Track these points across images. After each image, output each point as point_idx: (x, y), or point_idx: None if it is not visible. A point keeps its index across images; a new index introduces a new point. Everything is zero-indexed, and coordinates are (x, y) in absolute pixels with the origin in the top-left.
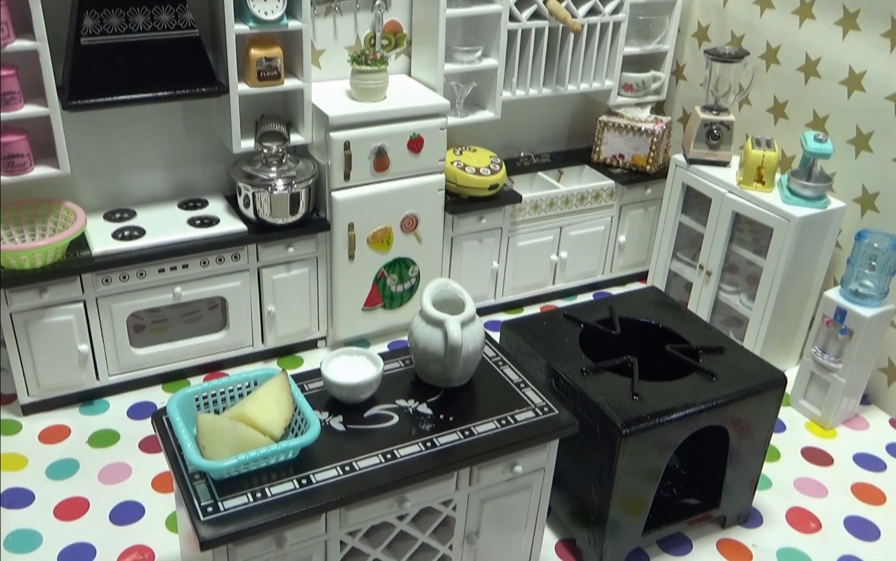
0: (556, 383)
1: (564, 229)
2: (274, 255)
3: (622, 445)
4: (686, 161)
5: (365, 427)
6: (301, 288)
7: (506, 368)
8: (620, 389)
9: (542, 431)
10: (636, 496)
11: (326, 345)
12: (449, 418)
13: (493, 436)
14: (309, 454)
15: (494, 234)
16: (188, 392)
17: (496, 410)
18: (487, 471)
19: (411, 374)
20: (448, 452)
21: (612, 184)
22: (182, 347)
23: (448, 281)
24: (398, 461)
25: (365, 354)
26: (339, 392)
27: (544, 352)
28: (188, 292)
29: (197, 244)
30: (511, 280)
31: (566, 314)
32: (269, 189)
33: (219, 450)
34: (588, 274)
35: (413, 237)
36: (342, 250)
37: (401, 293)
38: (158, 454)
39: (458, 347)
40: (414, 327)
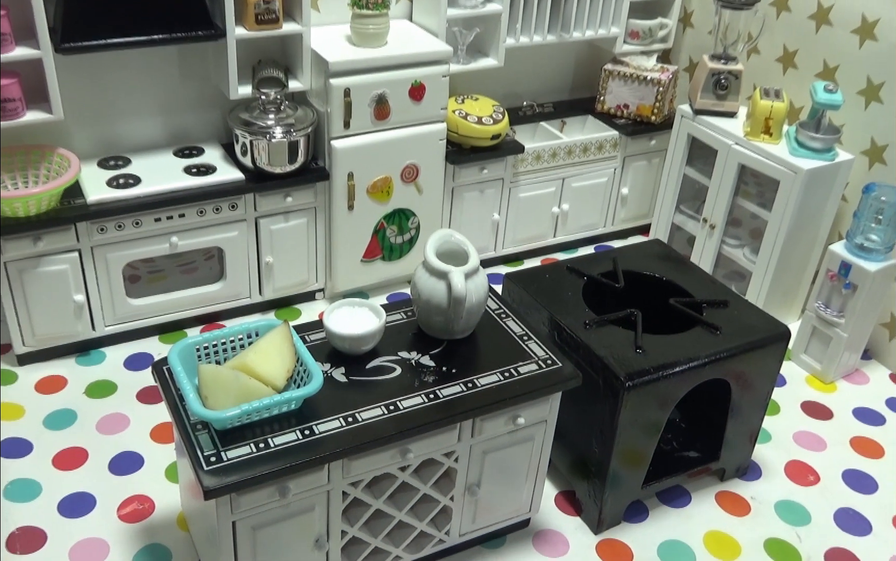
0: (559, 336)
1: (567, 181)
2: (272, 204)
3: (625, 398)
4: (692, 112)
5: (367, 379)
6: (299, 239)
7: (508, 320)
8: (624, 343)
9: (545, 384)
10: (637, 449)
11: (324, 297)
12: (452, 370)
13: (495, 388)
14: (312, 405)
15: (496, 185)
16: (189, 342)
17: (499, 362)
18: (490, 423)
19: (414, 325)
20: (451, 404)
21: (616, 135)
22: (178, 298)
23: (452, 232)
24: (401, 413)
25: (367, 306)
26: (342, 343)
27: (547, 304)
28: (184, 242)
29: (193, 193)
30: (512, 232)
31: (569, 267)
32: (267, 137)
33: (221, 400)
34: (590, 226)
35: (413, 187)
36: (341, 200)
37: (400, 245)
38: (156, 405)
39: (462, 299)
40: (417, 278)
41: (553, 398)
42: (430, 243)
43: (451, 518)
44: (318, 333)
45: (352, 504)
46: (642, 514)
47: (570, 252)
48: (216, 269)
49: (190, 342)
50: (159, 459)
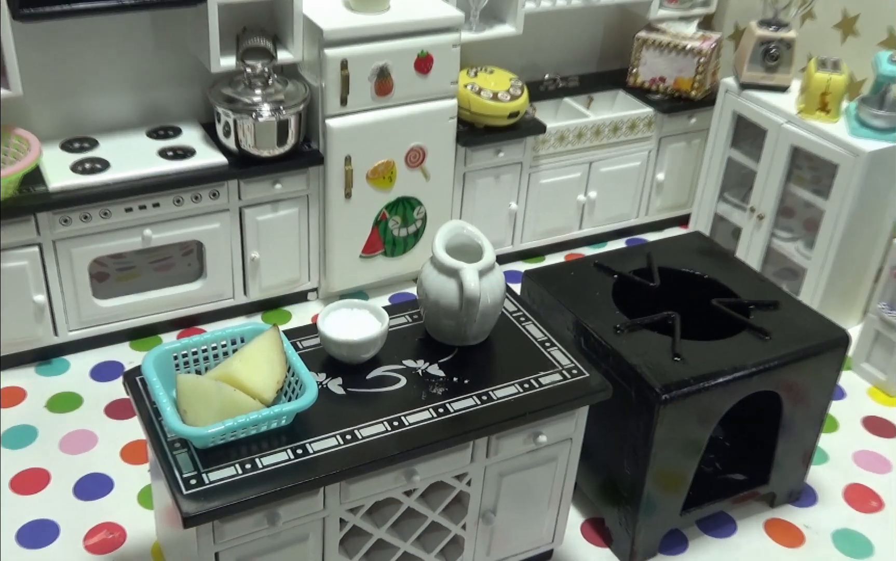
0: (586, 342)
1: (594, 165)
2: (258, 192)
3: (661, 412)
4: (738, 86)
5: (368, 391)
6: (289, 231)
7: (528, 324)
8: (659, 349)
9: (570, 396)
10: (675, 471)
11: (318, 297)
12: (464, 381)
13: (513, 401)
14: (305, 421)
15: (513, 170)
16: (165, 349)
17: (517, 371)
18: (507, 441)
19: (420, 330)
20: (463, 420)
21: (651, 112)
22: (152, 299)
23: (463, 224)
24: (406, 429)
25: (367, 308)
26: (339, 350)
27: (572, 306)
28: (159, 235)
29: (169, 179)
30: (532, 224)
31: (597, 263)
32: (253, 115)
33: (202, 415)
34: (620, 217)
35: (419, 173)
36: (337, 188)
37: (404, 238)
38: (127, 421)
39: (476, 300)
40: (424, 277)
41: (579, 413)
42: (439, 237)
43: (462, 549)
44: (311, 338)
45: (350, 533)
46: (681, 545)
47: (598, 246)
48: (195, 266)
49: (166, 349)
50: (131, 481)
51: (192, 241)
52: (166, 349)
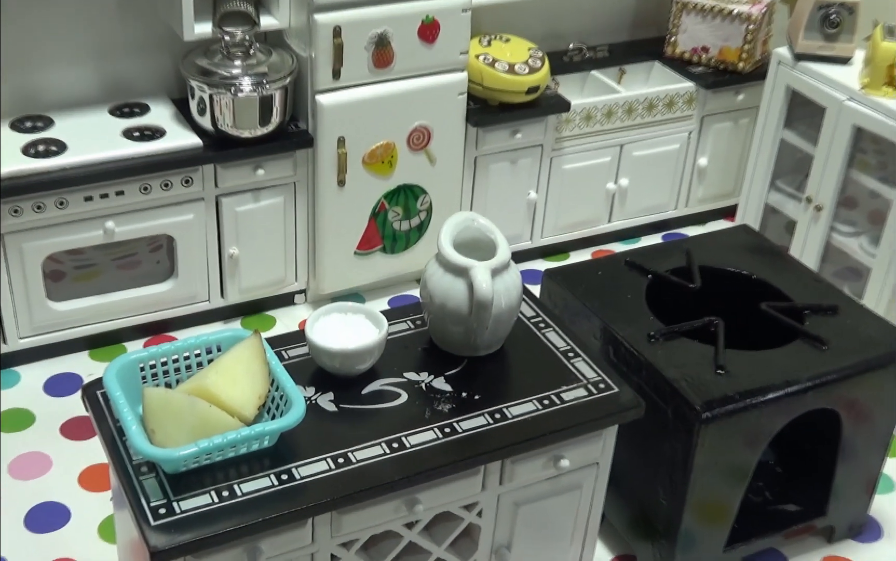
0: (616, 352)
1: (626, 148)
2: (238, 179)
3: (701, 433)
4: (792, 56)
5: (364, 407)
6: (274, 224)
7: (549, 331)
8: (700, 361)
9: (597, 414)
10: (718, 501)
11: (306, 300)
12: (474, 397)
13: (531, 420)
14: (291, 442)
15: (533, 153)
16: (130, 359)
17: (536, 386)
18: (524, 465)
19: (424, 338)
20: (472, 441)
21: (692, 87)
22: (115, 302)
23: (474, 215)
24: (407, 452)
25: (363, 312)
26: (331, 361)
27: (600, 310)
28: (123, 228)
29: (135, 163)
30: (554, 216)
31: (629, 261)
32: (232, 90)
33: (173, 434)
34: (656, 208)
35: (424, 157)
36: (329, 174)
37: (406, 232)
38: (87, 441)
39: (488, 303)
40: (428, 276)
41: (607, 434)
42: (445, 230)
43: None
44: (298, 347)
45: None
46: None
47: (630, 242)
48: (165, 263)
49: (132, 359)
50: (91, 511)
51: (161, 236)
52: (132, 359)
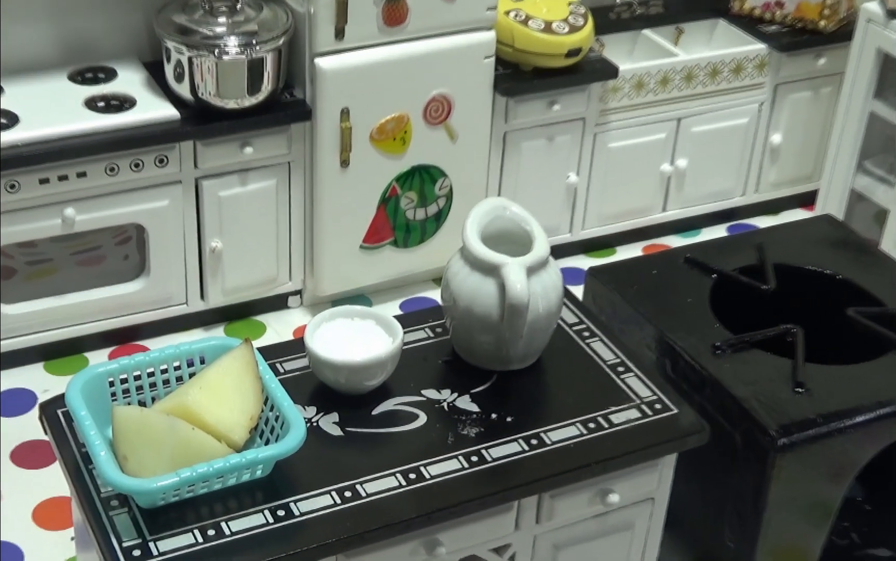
0: (674, 366)
1: (684, 123)
2: (222, 158)
3: (777, 463)
4: (885, 13)
5: (374, 431)
6: (264, 212)
7: (594, 341)
8: (775, 377)
9: (652, 441)
10: (795, 543)
11: (302, 303)
12: (506, 419)
13: (574, 447)
14: (288, 471)
15: (573, 128)
16: (98, 372)
17: (579, 406)
18: (566, 501)
19: (446, 349)
20: (504, 471)
21: (763, 49)
22: (74, 304)
23: (506, 202)
24: (426, 484)
25: (373, 318)
26: (335, 376)
27: (655, 316)
28: (85, 217)
29: (100, 139)
30: (597, 203)
31: (689, 258)
32: (216, 52)
33: (149, 461)
34: (720, 195)
35: (443, 132)
36: (330, 152)
37: (422, 222)
38: (44, 470)
39: (523, 307)
40: (451, 275)
41: (664, 464)
42: (472, 220)
43: None
44: (296, 359)
45: None
46: None
47: (688, 235)
48: (134, 259)
49: (99, 372)
50: (48, 553)
51: (129, 225)
52: (99, 372)
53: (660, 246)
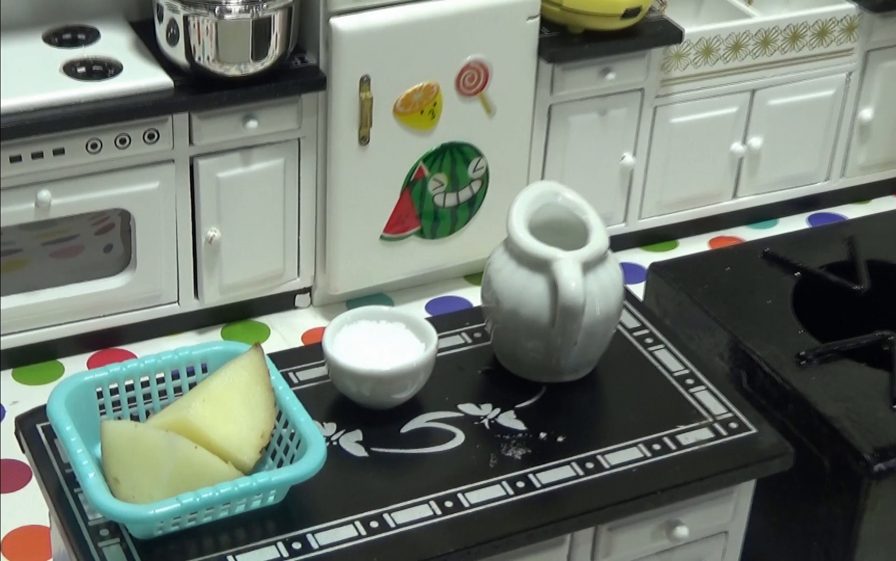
0: (751, 378)
1: (759, 95)
2: (221, 133)
3: (871, 492)
4: None
5: (404, 452)
6: (269, 196)
7: (659, 349)
8: (870, 391)
9: (727, 465)
10: None
11: (312, 303)
12: (556, 439)
13: (636, 472)
14: (305, 498)
15: (629, 101)
16: (84, 381)
17: (642, 424)
18: (626, 535)
19: (486, 357)
20: (555, 500)
21: (853, 9)
22: (48, 303)
23: (557, 187)
24: (465, 513)
25: (402, 320)
26: (359, 388)
27: (729, 320)
28: (62, 200)
29: (80, 111)
30: (657, 188)
31: (769, 253)
32: (216, 11)
33: (145, 485)
34: (801, 179)
35: (478, 105)
36: (347, 128)
37: (453, 209)
38: (17, 493)
39: (578, 309)
40: (494, 272)
41: (740, 492)
42: (518, 207)
43: None
44: (312, 367)
45: None
46: None
47: (763, 226)
48: (118, 250)
49: (86, 381)
50: None
51: (113, 212)
52: (86, 381)
53: (729, 239)
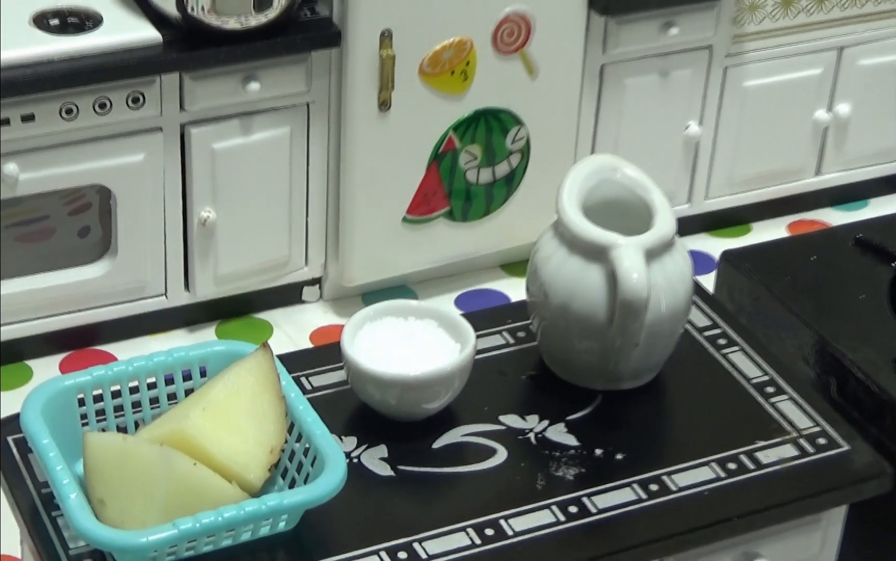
0: (842, 386)
1: (847, 54)
2: (217, 96)
3: None
4: None
5: (436, 471)
6: (273, 171)
7: (733, 351)
8: None
9: (814, 488)
10: None
11: (322, 296)
12: (614, 456)
13: (707, 495)
14: (322, 524)
15: (695, 60)
16: (63, 386)
17: (715, 440)
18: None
19: (531, 360)
20: (613, 528)
21: None
22: (13, 295)
23: (616, 161)
24: (509, 543)
25: (434, 316)
26: (383, 395)
27: (815, 318)
28: (31, 175)
29: (52, 70)
30: (728, 163)
31: (861, 240)
32: None
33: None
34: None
35: (518, 64)
36: (365, 91)
37: (488, 186)
38: None
39: (641, 305)
40: (541, 260)
41: (829, 519)
42: (570, 185)
43: None
44: (329, 372)
45: None
46: None
47: (851, 208)
48: (95, 233)
49: (66, 386)
50: None
51: (89, 188)
52: (66, 385)
53: (811, 223)
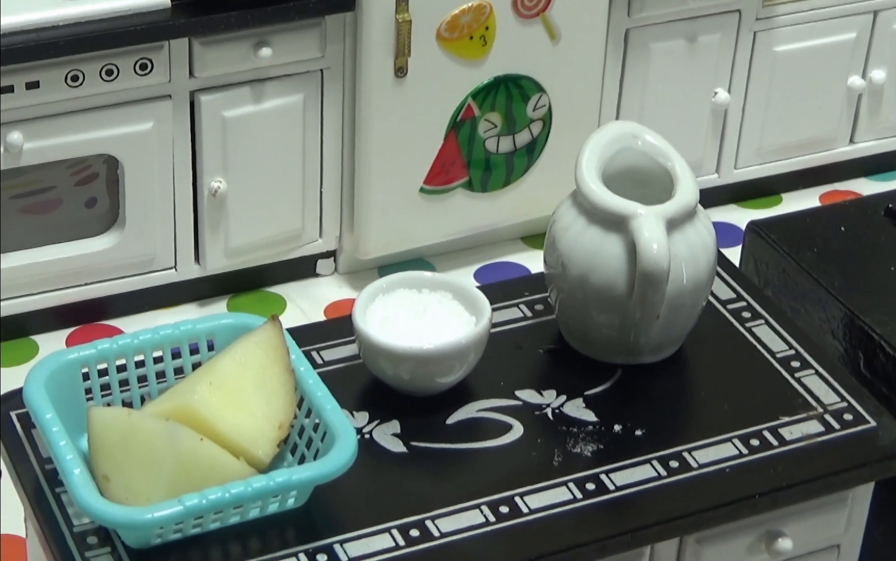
0: (870, 361)
1: (882, 18)
2: (228, 63)
3: None
4: None
5: (450, 447)
6: (286, 140)
7: (758, 325)
8: None
9: (840, 466)
10: None
11: (336, 269)
12: (634, 432)
13: (729, 473)
14: (332, 501)
15: (724, 24)
16: (67, 359)
17: (738, 415)
18: (717, 547)
19: (549, 333)
20: (632, 505)
21: None
22: (18, 268)
23: (637, 128)
24: (524, 520)
25: (448, 288)
26: (396, 369)
27: (843, 291)
28: (36, 144)
29: (58, 36)
30: (757, 132)
31: (892, 210)
32: None
33: (140, 484)
34: None
35: (540, 28)
36: (381, 57)
37: (508, 156)
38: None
39: (662, 276)
40: (560, 230)
41: (856, 498)
42: (589, 153)
43: None
44: (340, 345)
45: None
46: None
47: (885, 178)
48: (102, 204)
49: (70, 359)
50: None
51: (96, 158)
52: (70, 359)
53: (844, 193)
